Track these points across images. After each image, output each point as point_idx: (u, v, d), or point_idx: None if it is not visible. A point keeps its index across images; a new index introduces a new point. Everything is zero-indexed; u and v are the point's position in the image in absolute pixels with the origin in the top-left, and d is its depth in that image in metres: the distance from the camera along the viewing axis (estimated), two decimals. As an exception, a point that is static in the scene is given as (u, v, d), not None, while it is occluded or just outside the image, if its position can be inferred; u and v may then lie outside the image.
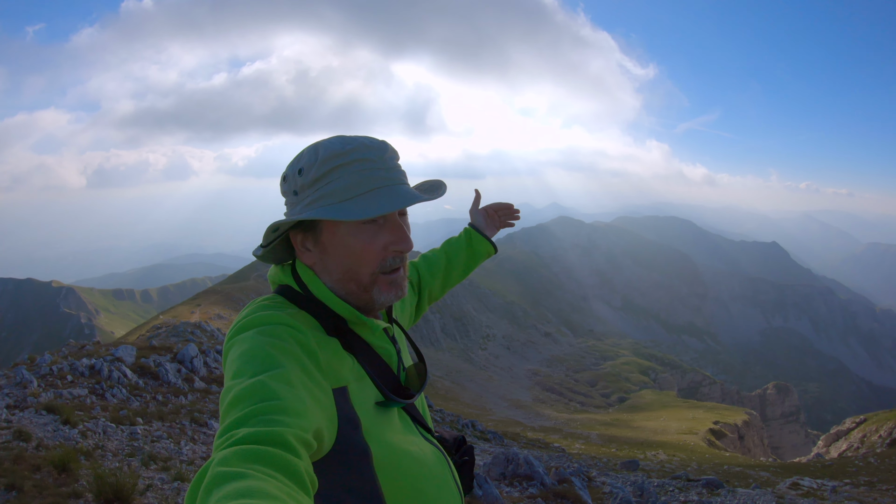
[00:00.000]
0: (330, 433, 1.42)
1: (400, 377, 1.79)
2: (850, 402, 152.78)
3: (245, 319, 1.57)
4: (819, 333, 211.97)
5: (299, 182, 1.66)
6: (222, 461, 1.11)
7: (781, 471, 23.42)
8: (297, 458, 1.18)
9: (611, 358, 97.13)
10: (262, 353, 1.41)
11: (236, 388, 1.32)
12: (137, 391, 12.16)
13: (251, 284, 50.63)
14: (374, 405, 1.63)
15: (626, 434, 45.63)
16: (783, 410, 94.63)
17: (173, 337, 23.44)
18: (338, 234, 1.65)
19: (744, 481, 17.27)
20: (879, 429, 36.00)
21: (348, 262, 1.66)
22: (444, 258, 2.55)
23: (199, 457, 8.71)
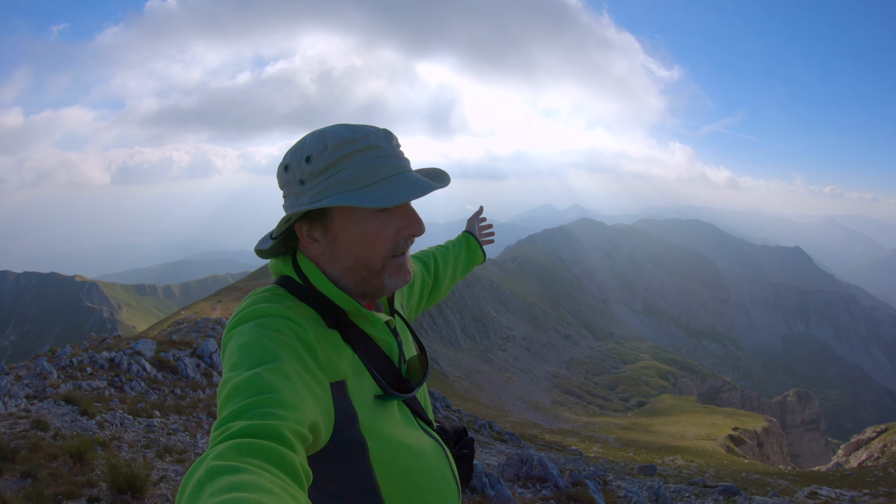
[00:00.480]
0: (326, 427, 1.42)
1: (401, 370, 1.78)
2: (872, 412, 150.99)
3: (244, 311, 1.57)
4: (841, 341, 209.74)
5: (307, 170, 1.62)
6: (217, 455, 1.11)
7: (800, 479, 23.20)
8: (292, 452, 1.17)
9: (630, 362, 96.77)
10: (260, 346, 1.41)
11: (233, 381, 1.31)
12: (156, 385, 12.28)
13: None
14: (373, 398, 1.63)
15: (644, 438, 45.46)
16: (803, 418, 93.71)
17: (194, 332, 23.60)
18: (351, 221, 1.64)
19: (761, 489, 17.13)
20: (901, 439, 35.63)
21: (360, 249, 1.65)
22: (451, 253, 2.61)
23: (214, 450, 8.79)
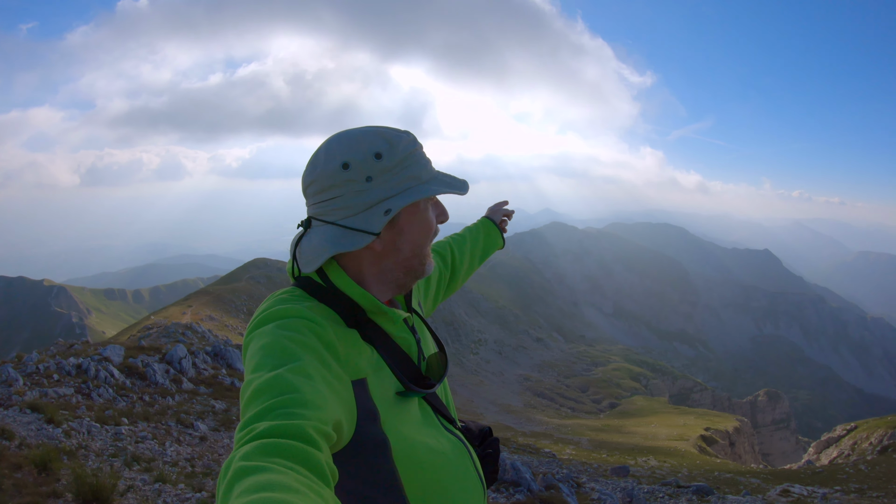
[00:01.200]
0: (349, 425, 1.43)
1: (420, 367, 1.80)
2: (841, 410, 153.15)
3: (264, 313, 1.60)
4: (810, 341, 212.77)
5: (377, 167, 1.65)
6: (244, 456, 1.13)
7: (772, 477, 23.42)
8: (318, 451, 1.19)
9: (602, 364, 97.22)
10: (281, 347, 1.42)
11: (256, 382, 1.33)
12: (124, 391, 12.09)
13: (243, 286, 50.46)
14: (394, 396, 1.65)
15: (617, 440, 45.64)
16: (774, 417, 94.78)
17: (164, 338, 23.34)
18: (418, 213, 1.72)
19: (734, 488, 17.25)
20: (870, 436, 36.09)
21: (421, 238, 1.75)
22: (468, 240, 2.64)
23: (182, 458, 8.65)
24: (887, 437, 33.88)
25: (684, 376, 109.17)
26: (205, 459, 8.85)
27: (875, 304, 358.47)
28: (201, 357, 16.78)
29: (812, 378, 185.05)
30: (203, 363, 16.45)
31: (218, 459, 9.06)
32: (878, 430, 35.89)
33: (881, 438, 34.26)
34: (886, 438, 33.72)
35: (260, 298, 47.87)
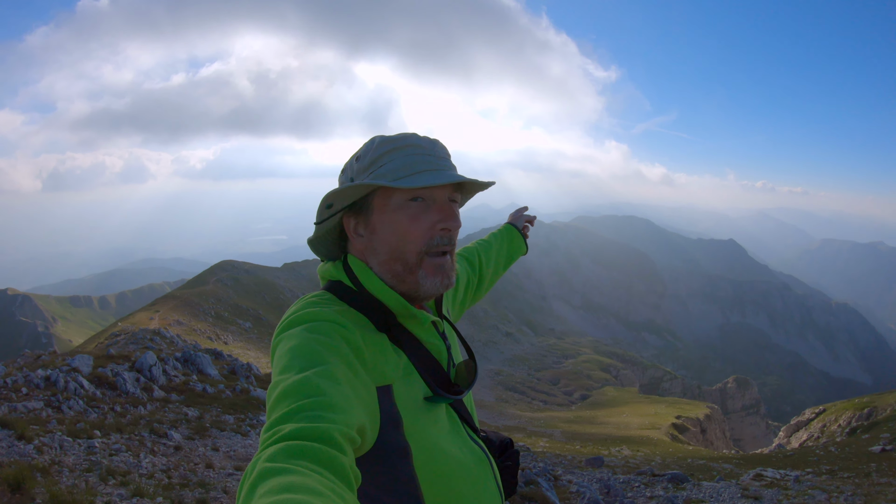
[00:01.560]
0: (372, 430, 1.44)
1: (450, 374, 1.82)
2: (809, 394, 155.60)
3: (293, 316, 1.61)
4: (776, 328, 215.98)
5: (355, 168, 1.76)
6: (269, 457, 1.14)
7: (744, 462, 23.68)
8: (342, 454, 1.20)
9: (572, 356, 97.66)
10: (309, 350, 1.45)
11: (283, 384, 1.35)
12: (95, 402, 11.88)
13: (210, 289, 49.92)
14: (422, 402, 1.66)
15: (590, 431, 45.87)
16: (743, 403, 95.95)
17: (132, 344, 23.01)
18: (386, 212, 1.71)
19: (707, 474, 17.41)
20: (838, 418, 36.69)
21: (395, 240, 1.71)
22: (494, 246, 2.66)
23: (158, 469, 8.51)
24: (855, 419, 34.48)
25: (654, 366, 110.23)
26: (181, 470, 8.73)
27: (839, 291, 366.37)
28: (171, 363, 16.58)
29: (780, 364, 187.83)
30: (173, 370, 16.26)
31: (194, 469, 8.95)
32: (846, 413, 36.49)
33: (849, 420, 34.86)
34: (854, 420, 34.31)
35: (227, 301, 47.51)
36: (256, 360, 30.41)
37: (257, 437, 12.44)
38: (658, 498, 11.07)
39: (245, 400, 15.69)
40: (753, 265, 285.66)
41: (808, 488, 13.52)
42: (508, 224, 2.84)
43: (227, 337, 37.87)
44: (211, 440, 11.09)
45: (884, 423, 29.85)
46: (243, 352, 33.05)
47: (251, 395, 16.24)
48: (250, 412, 14.65)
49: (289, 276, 69.71)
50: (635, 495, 11.44)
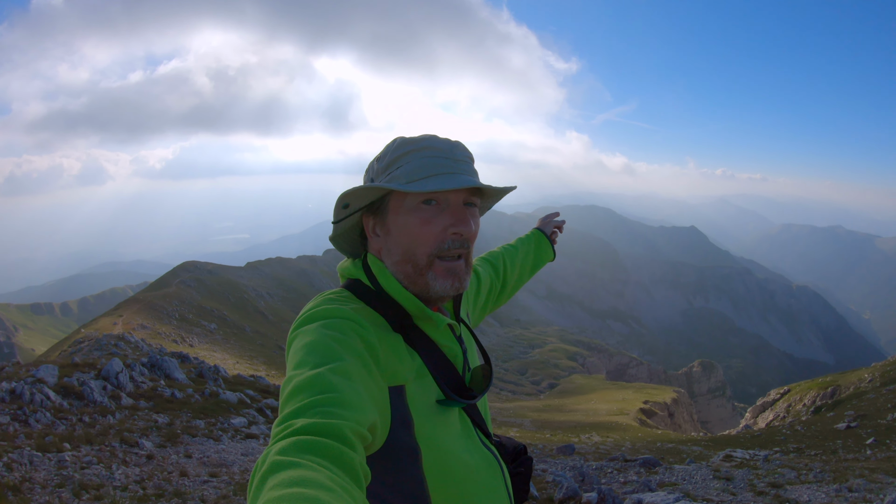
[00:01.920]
0: (382, 430, 1.45)
1: (465, 378, 1.80)
2: (773, 375, 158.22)
3: (310, 312, 1.62)
4: (739, 312, 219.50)
5: (375, 168, 1.76)
6: (280, 451, 1.14)
7: (713, 444, 24.02)
8: (353, 451, 1.20)
9: (538, 346, 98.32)
10: (324, 346, 1.45)
11: (297, 379, 1.35)
12: (62, 413, 11.62)
13: (174, 291, 49.31)
14: (434, 404, 1.66)
15: (559, 419, 46.13)
16: (709, 386, 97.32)
17: (96, 351, 22.72)
18: (400, 214, 1.70)
19: (678, 457, 17.62)
20: (803, 398, 37.40)
21: (407, 242, 1.70)
22: (520, 252, 2.63)
23: (132, 480, 8.37)
24: (819, 398, 35.15)
25: (620, 353, 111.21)
26: (155, 479, 8.61)
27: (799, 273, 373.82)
28: (138, 369, 16.32)
29: (743, 346, 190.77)
30: (140, 376, 16.01)
31: (169, 478, 8.83)
32: (810, 392, 37.19)
33: (814, 399, 35.53)
34: (819, 399, 34.97)
35: (191, 303, 47.01)
36: (223, 361, 30.16)
37: (230, 441, 12.34)
38: (632, 483, 11.12)
39: (215, 403, 15.52)
40: (715, 251, 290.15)
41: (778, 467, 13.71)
42: (537, 229, 2.82)
43: (193, 339, 37.50)
44: (183, 447, 10.96)
45: (847, 401, 30.48)
46: (209, 354, 32.75)
47: (220, 399, 16.08)
48: (221, 416, 14.51)
49: (252, 275, 69.17)
50: (609, 481, 11.50)
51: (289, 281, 73.15)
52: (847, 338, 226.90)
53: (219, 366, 21.21)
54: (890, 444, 20.67)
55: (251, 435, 13.41)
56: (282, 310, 61.96)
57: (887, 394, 28.75)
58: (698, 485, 11.32)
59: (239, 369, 27.77)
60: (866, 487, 10.60)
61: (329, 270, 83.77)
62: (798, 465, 14.44)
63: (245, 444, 12.41)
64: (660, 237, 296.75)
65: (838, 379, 37.17)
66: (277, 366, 37.22)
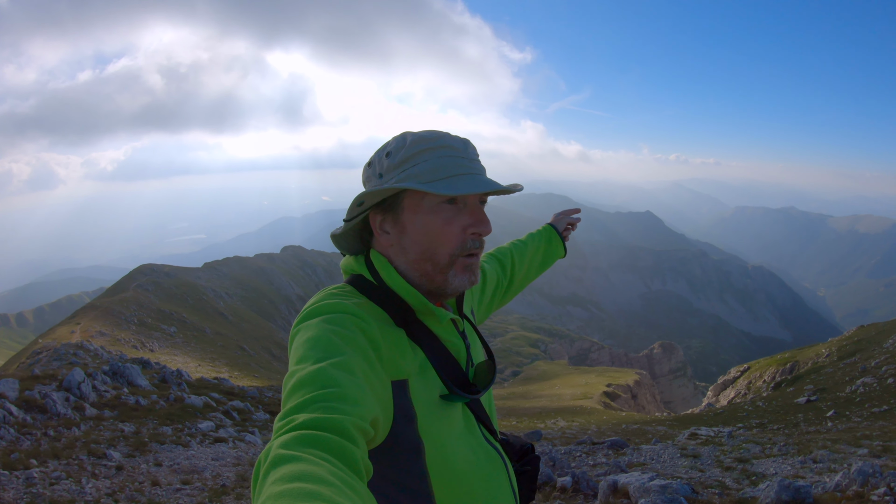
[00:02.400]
0: (385, 424, 1.45)
1: (468, 373, 1.81)
2: (733, 354, 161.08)
3: (313, 307, 1.62)
4: (697, 293, 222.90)
5: (385, 164, 1.73)
6: (283, 444, 1.15)
7: (677, 423, 24.40)
8: (355, 446, 1.20)
9: (500, 334, 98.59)
10: (326, 341, 1.44)
11: (299, 374, 1.35)
12: (27, 429, 11.35)
13: (131, 296, 48.54)
14: (437, 399, 1.65)
15: (525, 405, 46.26)
16: (670, 367, 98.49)
17: (55, 361, 22.32)
18: (419, 213, 1.70)
19: (644, 437, 17.86)
20: (763, 374, 38.08)
21: (427, 241, 1.70)
22: (529, 248, 2.61)
23: (103, 494, 8.25)
24: (779, 373, 35.84)
25: (581, 338, 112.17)
26: (127, 491, 8.50)
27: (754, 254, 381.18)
28: (100, 378, 16.07)
29: (702, 327, 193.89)
30: (103, 384, 15.77)
31: (140, 489, 8.73)
32: (769, 369, 37.90)
33: (773, 376, 36.22)
34: (778, 375, 35.66)
35: (150, 306, 46.36)
36: (185, 365, 29.84)
37: (199, 446, 12.24)
38: (602, 465, 11.27)
39: (181, 409, 15.36)
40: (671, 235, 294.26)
41: (742, 442, 13.99)
42: (549, 225, 2.79)
43: (153, 344, 37.00)
44: (152, 455, 10.84)
45: (806, 376, 31.15)
46: (170, 358, 32.37)
47: (186, 403, 15.91)
48: (188, 421, 14.36)
49: (210, 275, 68.39)
50: (579, 464, 11.63)
51: (247, 280, 72.47)
52: (803, 315, 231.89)
53: (181, 370, 21.00)
54: (850, 416, 21.21)
55: (220, 439, 13.31)
56: (241, 309, 61.39)
57: (845, 367, 29.40)
58: (667, 463, 11.52)
59: (202, 372, 27.49)
60: (830, 458, 10.90)
61: (287, 268, 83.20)
62: (762, 439, 14.75)
63: (214, 448, 12.33)
64: (616, 223, 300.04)
65: (796, 355, 37.88)
66: (240, 367, 36.94)
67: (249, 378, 31.77)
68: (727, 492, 8.32)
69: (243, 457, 11.78)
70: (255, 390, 20.64)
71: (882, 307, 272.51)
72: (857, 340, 34.18)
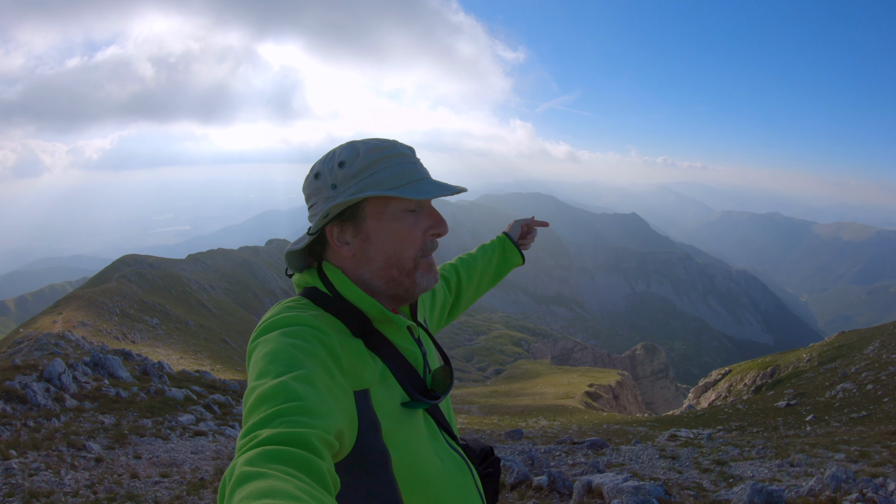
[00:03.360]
0: (350, 435, 1.43)
1: (426, 380, 1.81)
2: (714, 357, 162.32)
3: (270, 320, 1.60)
4: (680, 296, 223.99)
5: (340, 175, 1.70)
6: (247, 461, 1.12)
7: (658, 424, 24.56)
8: (320, 459, 1.18)
9: (484, 332, 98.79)
10: (286, 354, 1.42)
11: (260, 389, 1.32)
12: (6, 419, 11.28)
13: (114, 286, 48.14)
14: (399, 407, 1.65)
15: (507, 404, 46.27)
16: (653, 368, 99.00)
17: (37, 351, 22.19)
18: (383, 220, 1.71)
19: (624, 438, 17.96)
20: (744, 378, 38.38)
21: (393, 248, 1.72)
22: (479, 262, 2.61)
23: (82, 485, 8.23)
24: (760, 377, 36.11)
25: (564, 337, 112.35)
26: (106, 483, 8.48)
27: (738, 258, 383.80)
28: (81, 369, 15.98)
29: (685, 329, 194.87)
30: (84, 376, 15.68)
31: (119, 481, 8.71)
32: (750, 372, 38.19)
33: (754, 379, 36.51)
34: (759, 379, 35.93)
35: (133, 297, 46.02)
36: (167, 357, 29.70)
37: (178, 439, 12.22)
38: (580, 465, 11.32)
39: (161, 401, 15.30)
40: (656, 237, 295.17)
41: (721, 445, 14.12)
42: (503, 235, 2.79)
43: (135, 335, 36.77)
44: (132, 447, 10.80)
45: (787, 380, 31.40)
46: (152, 350, 32.21)
47: (167, 396, 15.85)
48: (168, 414, 14.32)
49: (195, 267, 67.96)
50: (558, 464, 11.67)
51: (232, 272, 72.11)
52: (785, 320, 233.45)
53: (163, 362, 20.92)
54: (829, 421, 21.42)
55: (200, 432, 13.28)
56: (225, 302, 61.10)
57: (825, 372, 29.61)
58: (645, 464, 11.61)
59: (184, 365, 27.40)
60: (807, 462, 11.01)
61: (272, 261, 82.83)
62: (741, 442, 14.89)
63: (194, 441, 12.30)
64: (602, 224, 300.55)
65: (778, 359, 38.15)
66: (222, 360, 36.77)
67: (232, 371, 31.63)
68: (703, 493, 8.41)
69: (223, 450, 11.76)
70: (236, 384, 20.56)
71: (863, 314, 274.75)
72: (838, 346, 34.44)
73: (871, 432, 17.11)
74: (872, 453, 12.34)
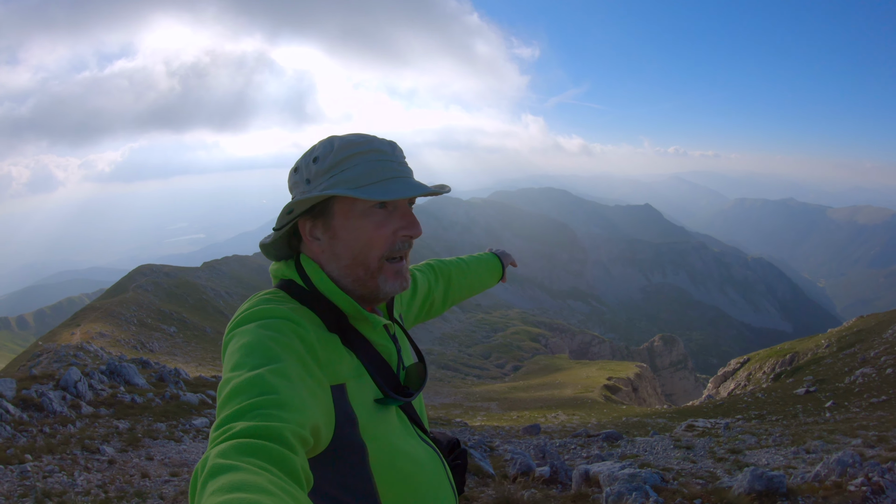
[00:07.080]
0: (327, 429, 1.42)
1: (400, 376, 1.81)
2: (733, 345, 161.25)
3: (246, 312, 1.58)
4: (697, 285, 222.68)
5: (313, 170, 1.70)
6: (220, 453, 1.11)
7: (677, 415, 24.44)
8: (293, 454, 1.17)
9: (501, 329, 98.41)
10: (262, 347, 1.40)
11: (235, 381, 1.31)
12: (23, 426, 11.47)
13: (131, 297, 48.47)
14: (373, 403, 1.65)
15: (525, 399, 46.05)
16: (671, 360, 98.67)
17: (55, 363, 22.40)
18: (351, 218, 1.68)
19: (642, 430, 17.89)
20: (763, 366, 38.10)
21: (358, 246, 1.69)
22: (454, 269, 2.61)
23: (94, 486, 8.37)
24: (779, 365, 35.85)
25: (582, 331, 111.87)
26: (117, 483, 8.60)
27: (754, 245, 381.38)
28: (97, 377, 16.15)
29: (702, 319, 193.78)
30: (100, 383, 15.85)
31: (130, 481, 8.83)
32: (769, 360, 37.90)
33: (773, 367, 36.23)
34: (778, 366, 35.66)
35: (150, 307, 46.32)
36: (184, 364, 29.90)
37: (192, 441, 12.32)
38: (593, 457, 11.32)
39: (176, 406, 15.42)
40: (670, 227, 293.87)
41: (739, 434, 14.08)
42: (494, 254, 2.89)
43: (153, 344, 37.05)
44: (145, 450, 10.92)
45: (806, 367, 31.19)
46: (170, 357, 32.43)
47: (182, 401, 15.97)
48: (182, 417, 14.44)
49: (210, 275, 68.32)
50: (571, 457, 11.67)
51: (248, 278, 72.36)
52: (803, 306, 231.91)
53: (179, 369, 21.07)
54: (848, 406, 21.32)
55: (214, 434, 13.38)
56: (242, 309, 61.31)
57: (844, 358, 29.42)
58: (659, 455, 11.58)
59: (201, 371, 27.53)
60: (824, 448, 10.96)
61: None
62: (759, 431, 14.83)
63: (206, 444, 12.40)
64: (616, 216, 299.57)
65: (796, 346, 37.88)
66: (241, 366, 36.86)
67: (249, 376, 31.74)
68: (708, 481, 8.40)
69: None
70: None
71: (882, 297, 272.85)
72: (856, 331, 34.18)
73: (891, 417, 17.04)
74: (891, 437, 12.28)
